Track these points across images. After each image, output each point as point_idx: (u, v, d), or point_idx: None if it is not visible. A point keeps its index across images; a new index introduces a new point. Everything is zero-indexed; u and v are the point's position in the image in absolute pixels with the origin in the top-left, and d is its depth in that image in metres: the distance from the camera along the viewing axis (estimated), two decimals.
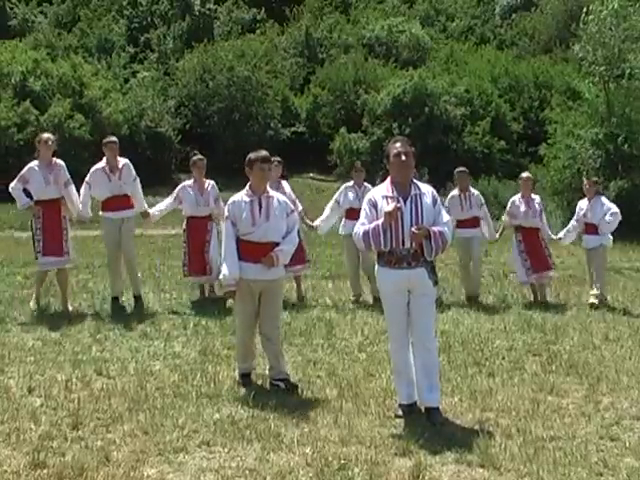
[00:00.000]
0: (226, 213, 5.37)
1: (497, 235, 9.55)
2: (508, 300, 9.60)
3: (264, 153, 5.36)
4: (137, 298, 8.54)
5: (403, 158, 4.90)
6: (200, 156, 9.13)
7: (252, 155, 5.38)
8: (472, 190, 9.44)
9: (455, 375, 5.92)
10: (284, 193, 7.83)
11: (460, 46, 38.14)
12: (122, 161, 8.45)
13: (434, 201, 4.93)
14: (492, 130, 30.44)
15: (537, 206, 9.37)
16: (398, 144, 4.96)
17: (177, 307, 8.69)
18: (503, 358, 6.61)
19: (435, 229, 4.82)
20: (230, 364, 6.17)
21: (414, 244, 4.79)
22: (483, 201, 9.47)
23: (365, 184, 9.34)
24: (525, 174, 9.71)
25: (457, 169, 9.53)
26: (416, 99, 29.92)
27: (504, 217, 9.54)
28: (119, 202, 8.41)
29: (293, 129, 32.75)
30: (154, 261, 11.79)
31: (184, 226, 9.03)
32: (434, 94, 30.18)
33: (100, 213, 8.52)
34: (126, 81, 31.93)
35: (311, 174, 31.54)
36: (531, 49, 38.13)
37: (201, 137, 30.41)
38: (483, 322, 8.18)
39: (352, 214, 8.90)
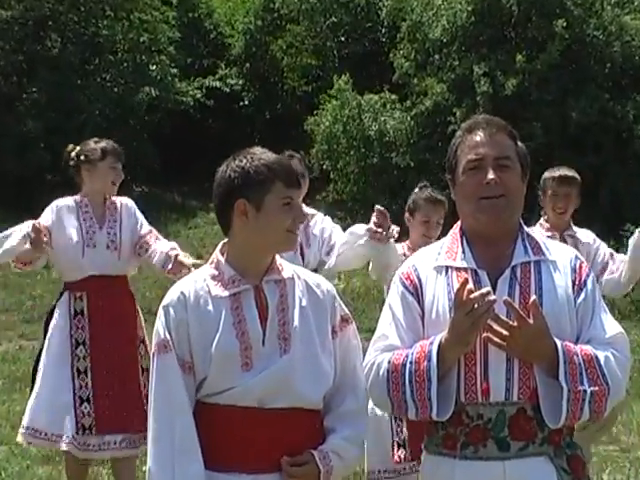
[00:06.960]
0: (161, 333, 4.03)
1: (629, 284, 8.61)
2: None
3: (280, 160, 4.17)
4: None
5: (490, 176, 3.87)
6: None
7: (238, 165, 4.09)
8: (576, 229, 8.68)
9: None
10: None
11: None
12: None
13: (579, 283, 3.93)
14: None
15: None
16: (479, 135, 3.94)
17: None
18: None
19: (578, 348, 3.88)
20: None
21: (514, 375, 3.95)
22: (598, 248, 8.91)
23: (311, 212, 8.04)
24: None
25: (550, 172, 8.34)
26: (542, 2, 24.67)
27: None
28: None
29: (214, 83, 28.50)
30: None
31: None
32: None
33: None
34: None
35: None
36: None
37: None
38: None
39: None
